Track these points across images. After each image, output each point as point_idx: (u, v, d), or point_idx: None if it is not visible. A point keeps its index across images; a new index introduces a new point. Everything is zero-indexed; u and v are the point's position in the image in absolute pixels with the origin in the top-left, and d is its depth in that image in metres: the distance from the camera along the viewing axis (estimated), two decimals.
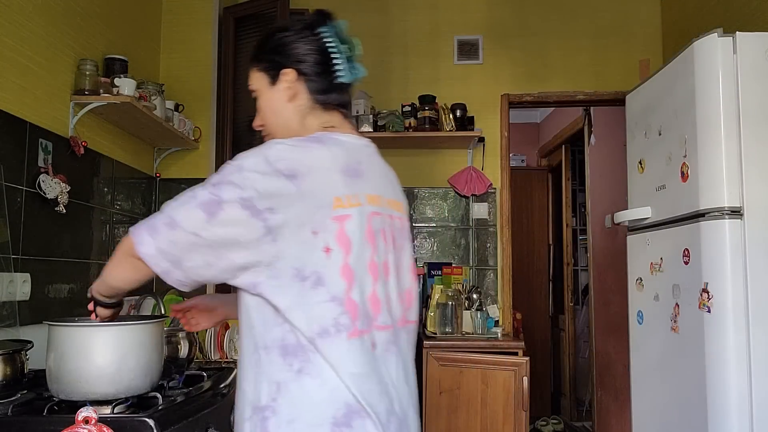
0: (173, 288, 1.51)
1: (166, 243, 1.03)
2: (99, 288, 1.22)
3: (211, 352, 2.20)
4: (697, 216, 2.02)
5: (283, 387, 1.06)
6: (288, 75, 1.21)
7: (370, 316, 1.12)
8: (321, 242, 1.07)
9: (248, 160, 1.08)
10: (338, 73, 1.21)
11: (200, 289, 1.55)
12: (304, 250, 1.06)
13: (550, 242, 5.55)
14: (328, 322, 1.07)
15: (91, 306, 1.27)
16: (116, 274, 1.15)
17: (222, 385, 1.68)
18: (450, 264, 3.35)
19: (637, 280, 2.51)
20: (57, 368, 1.29)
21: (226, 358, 2.23)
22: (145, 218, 1.09)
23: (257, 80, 1.26)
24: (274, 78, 1.22)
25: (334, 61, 1.21)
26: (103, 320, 1.29)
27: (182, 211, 1.05)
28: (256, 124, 1.29)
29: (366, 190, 1.16)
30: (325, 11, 1.23)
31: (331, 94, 1.22)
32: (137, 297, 2.16)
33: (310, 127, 1.22)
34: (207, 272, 1.06)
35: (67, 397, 1.28)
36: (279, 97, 1.22)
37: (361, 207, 1.14)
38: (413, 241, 3.55)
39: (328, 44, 1.21)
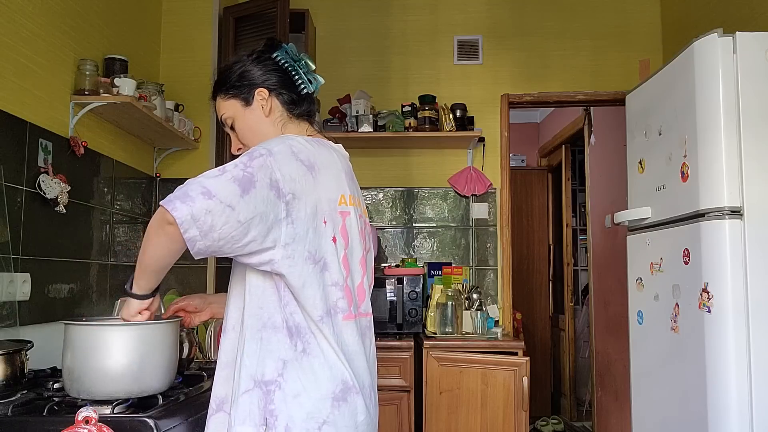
0: (173, 288, 1.51)
1: (201, 211, 1.05)
2: (139, 281, 1.22)
3: (211, 352, 2.19)
4: (697, 216, 2.02)
5: (288, 364, 1.16)
6: (262, 92, 1.31)
7: (357, 303, 1.27)
8: (330, 231, 1.20)
9: (276, 146, 1.17)
10: (302, 86, 1.34)
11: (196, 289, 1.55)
12: (316, 236, 1.18)
13: (550, 242, 5.55)
14: (331, 304, 1.20)
15: (127, 313, 1.27)
16: (152, 251, 1.14)
17: None
18: (450, 264, 3.35)
19: (637, 280, 2.51)
20: (78, 368, 1.28)
21: None
22: (150, 217, 1.09)
23: (229, 107, 1.34)
24: (247, 100, 1.32)
25: (295, 77, 1.33)
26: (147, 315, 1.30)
27: (217, 184, 1.08)
28: (235, 148, 1.37)
29: (354, 193, 1.32)
30: (273, 38, 1.37)
31: (301, 105, 1.34)
32: None
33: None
34: (228, 246, 1.10)
35: (89, 397, 1.28)
36: (257, 115, 1.32)
37: (356, 207, 1.30)
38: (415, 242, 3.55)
39: (284, 64, 1.33)
